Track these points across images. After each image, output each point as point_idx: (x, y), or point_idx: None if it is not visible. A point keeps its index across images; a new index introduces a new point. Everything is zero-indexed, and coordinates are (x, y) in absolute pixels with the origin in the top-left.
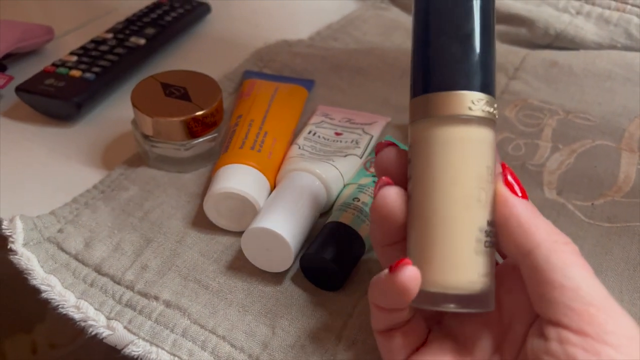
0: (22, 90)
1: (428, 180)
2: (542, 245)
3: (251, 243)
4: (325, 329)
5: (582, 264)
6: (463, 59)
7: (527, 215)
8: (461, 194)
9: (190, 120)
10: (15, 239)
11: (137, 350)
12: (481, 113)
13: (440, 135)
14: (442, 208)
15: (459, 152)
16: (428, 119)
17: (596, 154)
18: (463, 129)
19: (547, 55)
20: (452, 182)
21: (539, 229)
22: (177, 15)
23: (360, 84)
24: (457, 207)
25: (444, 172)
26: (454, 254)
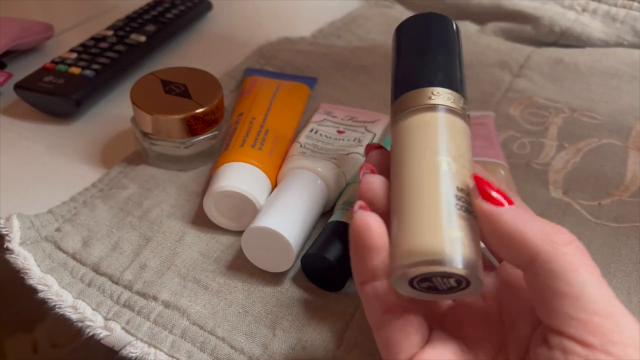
0: (21, 87)
1: (400, 163)
2: (541, 252)
3: (252, 242)
4: (326, 330)
5: (586, 266)
6: (422, 66)
7: (517, 223)
8: (426, 165)
9: (191, 118)
10: (12, 238)
11: (135, 351)
12: (442, 101)
13: (409, 123)
14: (410, 181)
15: (423, 132)
16: (400, 116)
17: (602, 153)
18: (426, 115)
19: (552, 53)
20: (418, 157)
21: (534, 234)
22: (178, 12)
23: (363, 82)
24: (423, 176)
25: (411, 150)
26: (426, 220)
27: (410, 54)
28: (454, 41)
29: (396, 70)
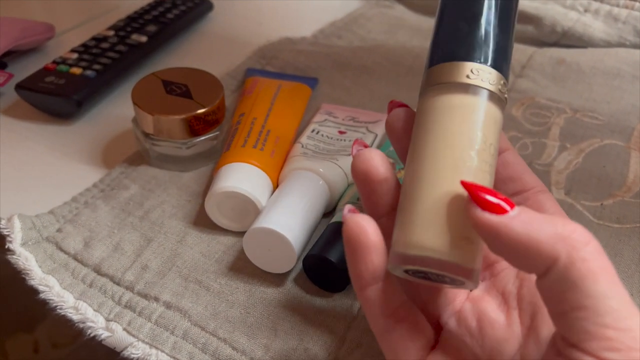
0: (23, 87)
1: (422, 144)
2: (559, 260)
3: (253, 243)
4: (328, 331)
5: (605, 272)
6: (468, 34)
7: (528, 231)
8: (450, 156)
9: (192, 118)
10: (13, 239)
11: (137, 352)
12: (480, 83)
13: (439, 101)
14: (429, 168)
15: (453, 117)
16: (431, 89)
17: (605, 154)
18: (462, 97)
19: (554, 53)
20: (443, 144)
21: (550, 240)
22: (179, 12)
23: (364, 82)
24: (444, 168)
25: (437, 134)
26: (436, 216)
27: (457, 14)
28: (510, 7)
29: (438, 29)
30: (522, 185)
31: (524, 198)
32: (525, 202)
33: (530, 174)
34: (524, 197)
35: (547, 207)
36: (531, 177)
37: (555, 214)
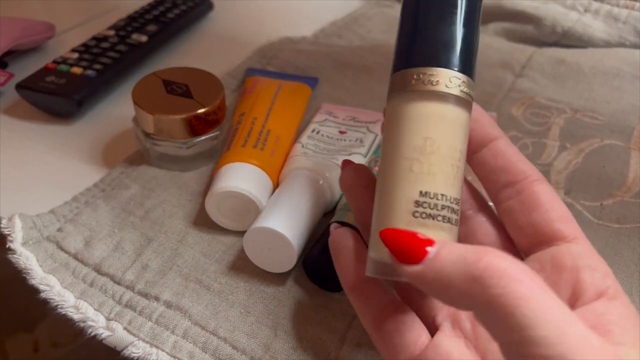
0: (23, 87)
1: (383, 149)
2: (477, 300)
3: (253, 243)
4: (328, 330)
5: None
6: (430, 36)
7: (440, 279)
8: (397, 163)
9: (192, 118)
10: (14, 238)
11: (137, 351)
12: (440, 88)
13: (391, 108)
14: (384, 177)
15: (398, 122)
16: (391, 95)
17: (605, 154)
18: (420, 104)
19: (554, 53)
20: (392, 152)
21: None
22: (179, 12)
23: (364, 82)
24: (394, 176)
25: (388, 142)
26: (388, 222)
27: (417, 20)
28: (477, 5)
29: (400, 33)
30: (514, 175)
31: (516, 190)
32: (518, 195)
33: (525, 163)
34: (517, 189)
35: (543, 200)
36: (525, 165)
37: (552, 205)
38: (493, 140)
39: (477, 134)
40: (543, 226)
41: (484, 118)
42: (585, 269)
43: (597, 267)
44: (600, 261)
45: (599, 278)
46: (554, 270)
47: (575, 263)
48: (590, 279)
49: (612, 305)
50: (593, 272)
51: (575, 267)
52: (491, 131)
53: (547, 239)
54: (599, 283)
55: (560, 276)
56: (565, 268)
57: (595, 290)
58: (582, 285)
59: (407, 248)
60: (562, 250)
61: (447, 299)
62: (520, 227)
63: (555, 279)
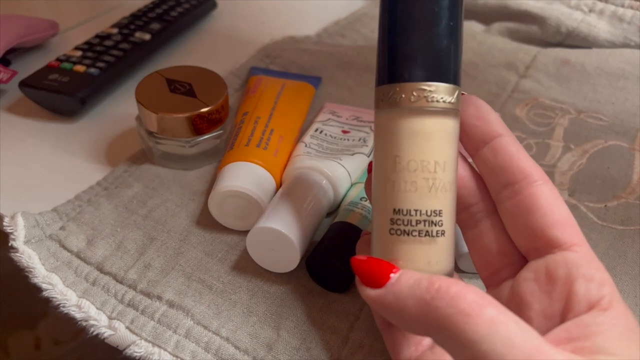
0: (26, 85)
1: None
2: (432, 333)
3: (256, 243)
4: (331, 331)
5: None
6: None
7: (399, 309)
8: (375, 180)
9: (195, 117)
10: (16, 236)
11: (139, 351)
12: (389, 104)
13: (379, 121)
14: (373, 191)
15: (376, 137)
16: (377, 109)
17: (609, 155)
18: (378, 118)
19: (558, 54)
20: (374, 168)
21: (418, 315)
22: (182, 10)
23: (368, 81)
24: (375, 193)
25: (374, 156)
26: (373, 239)
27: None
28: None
29: (381, 46)
30: (513, 174)
31: (515, 191)
32: (516, 196)
33: (526, 162)
34: (516, 190)
35: (541, 202)
36: (527, 164)
37: (550, 209)
38: (496, 137)
39: (479, 131)
40: (539, 231)
41: (488, 114)
42: (579, 280)
43: (592, 277)
44: (598, 269)
45: (594, 288)
46: (548, 281)
47: (569, 273)
48: (584, 291)
49: (602, 316)
50: (588, 282)
51: (569, 278)
52: (494, 128)
53: (543, 245)
54: (592, 294)
55: (553, 287)
56: (559, 279)
57: (587, 301)
58: (575, 297)
59: (372, 273)
60: (557, 260)
61: (405, 324)
62: (518, 229)
63: (548, 290)
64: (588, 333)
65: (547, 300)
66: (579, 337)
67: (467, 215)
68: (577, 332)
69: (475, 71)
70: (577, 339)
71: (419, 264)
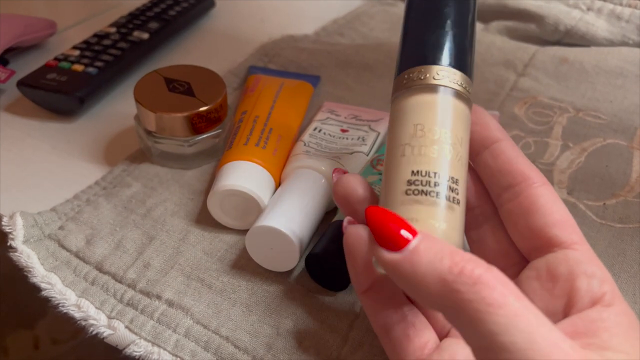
0: (24, 84)
1: (388, 148)
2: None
3: (255, 241)
4: (330, 330)
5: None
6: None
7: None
8: (393, 153)
9: (194, 116)
10: (15, 236)
11: (139, 350)
12: (444, 82)
13: (392, 109)
14: (385, 171)
15: (395, 118)
16: (396, 94)
17: (607, 153)
18: (425, 95)
19: (557, 52)
20: (390, 146)
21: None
22: (181, 9)
23: (366, 80)
24: (391, 165)
25: (388, 139)
26: (384, 200)
27: (416, 24)
28: (467, 12)
29: (400, 41)
30: (513, 177)
31: (515, 193)
32: (517, 198)
33: (525, 165)
34: (516, 192)
35: (542, 203)
36: (526, 167)
37: (550, 209)
38: (495, 142)
39: (479, 136)
40: (540, 231)
41: (487, 120)
42: (581, 276)
43: (594, 274)
44: (599, 267)
45: (596, 285)
46: (549, 278)
47: (571, 270)
48: (586, 287)
49: (607, 312)
50: (589, 279)
51: (570, 275)
52: (493, 134)
53: (544, 245)
54: (594, 290)
55: (555, 284)
56: (560, 276)
57: (590, 297)
58: (577, 293)
59: (389, 230)
60: (558, 258)
61: (418, 296)
62: (519, 231)
63: (550, 287)
64: (594, 329)
65: (549, 297)
66: (586, 332)
67: (469, 217)
68: (583, 327)
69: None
70: (584, 334)
71: (436, 226)
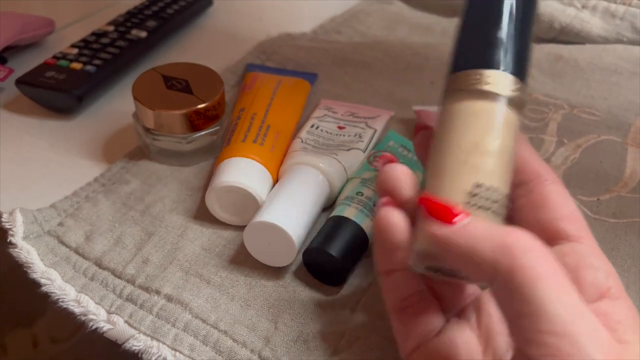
0: (23, 82)
1: (434, 147)
2: (499, 270)
3: (253, 237)
4: (328, 323)
5: (547, 278)
6: (489, 42)
7: (470, 242)
8: (451, 157)
9: (192, 113)
10: (15, 232)
11: (138, 344)
12: (497, 89)
13: (456, 107)
14: (436, 170)
15: (453, 119)
16: (449, 95)
17: (602, 149)
18: (478, 103)
19: (552, 49)
20: (447, 147)
21: (491, 249)
22: (178, 7)
23: (364, 78)
24: (447, 169)
25: (443, 137)
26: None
27: (478, 22)
28: (530, 13)
29: (460, 36)
30: (526, 175)
31: (528, 189)
32: (529, 195)
33: (538, 163)
34: (528, 189)
35: (552, 199)
36: (538, 165)
37: (560, 205)
38: None
39: None
40: (548, 224)
41: None
42: (587, 269)
43: (599, 267)
44: (605, 261)
45: (601, 277)
46: None
47: (577, 262)
48: (592, 279)
49: (616, 305)
50: (595, 271)
51: (577, 266)
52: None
53: (552, 237)
54: (600, 283)
55: None
56: (566, 267)
57: (596, 290)
58: (584, 285)
59: (443, 206)
60: (565, 250)
61: (470, 266)
62: (528, 224)
63: None
64: (608, 321)
65: None
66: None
67: None
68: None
69: None
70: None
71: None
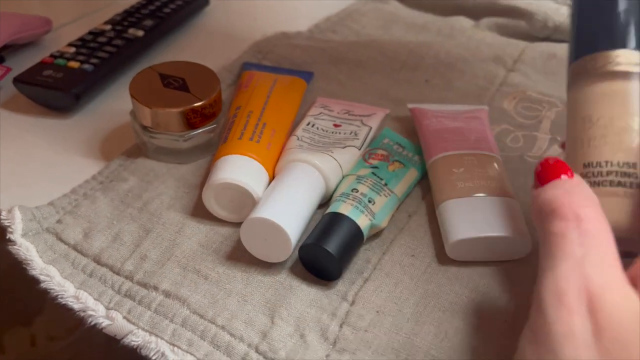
0: (20, 81)
1: (578, 132)
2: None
3: (250, 233)
4: (324, 318)
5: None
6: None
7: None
8: (569, 142)
9: (189, 111)
10: (14, 230)
11: (137, 340)
12: (627, 68)
13: (588, 90)
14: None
15: (574, 104)
16: (578, 80)
17: None
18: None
19: (545, 48)
20: (568, 131)
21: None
22: (175, 7)
23: (359, 76)
24: (568, 153)
25: (567, 123)
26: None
27: (594, 5)
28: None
29: (578, 22)
30: None
31: None
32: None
33: None
34: None
35: None
36: None
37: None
38: None
39: None
40: None
41: None
42: None
43: None
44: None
45: None
46: None
47: None
48: None
49: None
50: None
51: None
52: None
53: None
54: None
55: None
56: None
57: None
58: None
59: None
60: None
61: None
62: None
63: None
64: None
65: None
66: None
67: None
68: None
69: (465, 65)
70: None
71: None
